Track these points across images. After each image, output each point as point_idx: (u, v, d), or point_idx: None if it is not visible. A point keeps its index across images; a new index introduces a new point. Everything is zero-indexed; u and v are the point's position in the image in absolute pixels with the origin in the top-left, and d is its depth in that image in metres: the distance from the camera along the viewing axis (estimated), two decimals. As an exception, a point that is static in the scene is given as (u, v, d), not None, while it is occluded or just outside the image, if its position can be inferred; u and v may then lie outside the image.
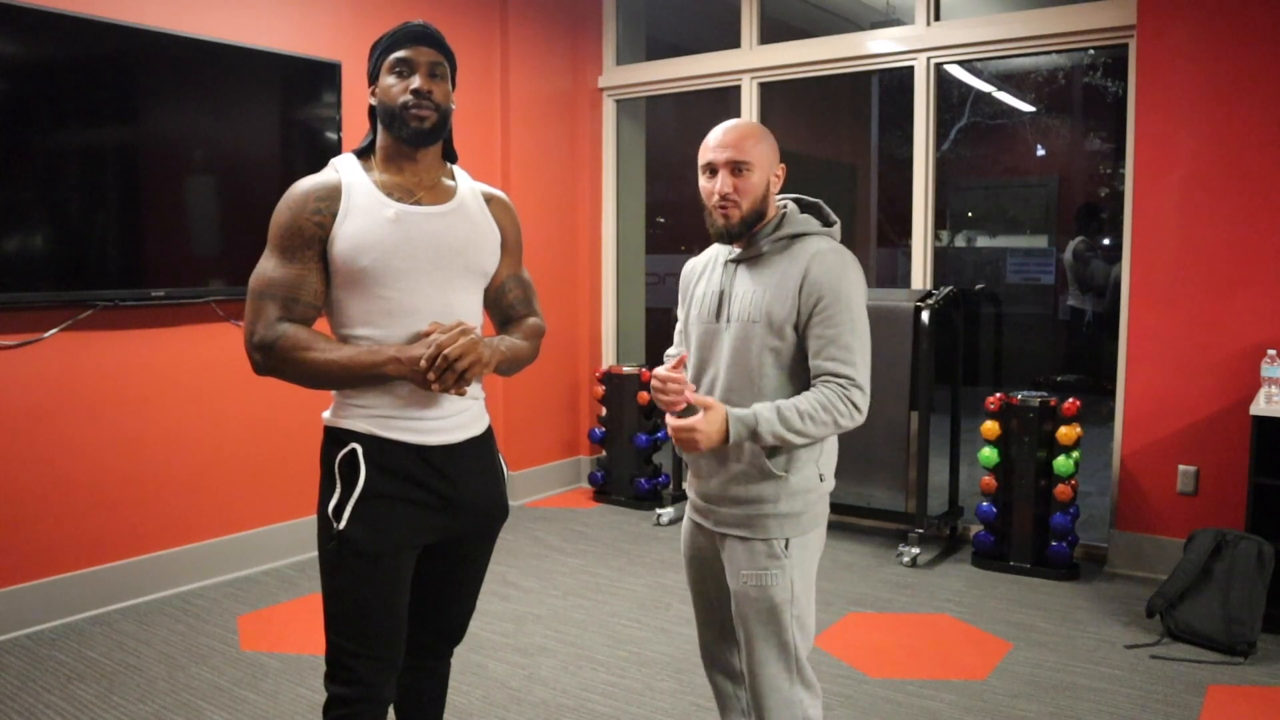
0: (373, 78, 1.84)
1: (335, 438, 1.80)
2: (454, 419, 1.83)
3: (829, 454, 1.99)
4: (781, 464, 1.91)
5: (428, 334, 1.75)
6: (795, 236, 1.94)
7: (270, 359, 1.73)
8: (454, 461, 1.83)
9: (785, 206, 1.99)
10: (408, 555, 1.82)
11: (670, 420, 1.88)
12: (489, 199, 1.96)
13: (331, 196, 1.76)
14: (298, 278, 1.75)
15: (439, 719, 2.11)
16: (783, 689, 1.92)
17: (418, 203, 1.81)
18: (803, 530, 1.93)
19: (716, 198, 1.91)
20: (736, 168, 1.90)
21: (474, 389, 1.88)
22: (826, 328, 1.85)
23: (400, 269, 1.76)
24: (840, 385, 1.84)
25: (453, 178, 1.92)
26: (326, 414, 1.84)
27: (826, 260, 1.88)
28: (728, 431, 1.82)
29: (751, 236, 1.96)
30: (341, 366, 1.72)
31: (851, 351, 1.85)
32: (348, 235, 1.74)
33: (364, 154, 1.87)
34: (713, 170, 1.92)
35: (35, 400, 3.42)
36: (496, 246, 1.93)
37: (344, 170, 1.81)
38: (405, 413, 1.78)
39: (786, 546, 1.92)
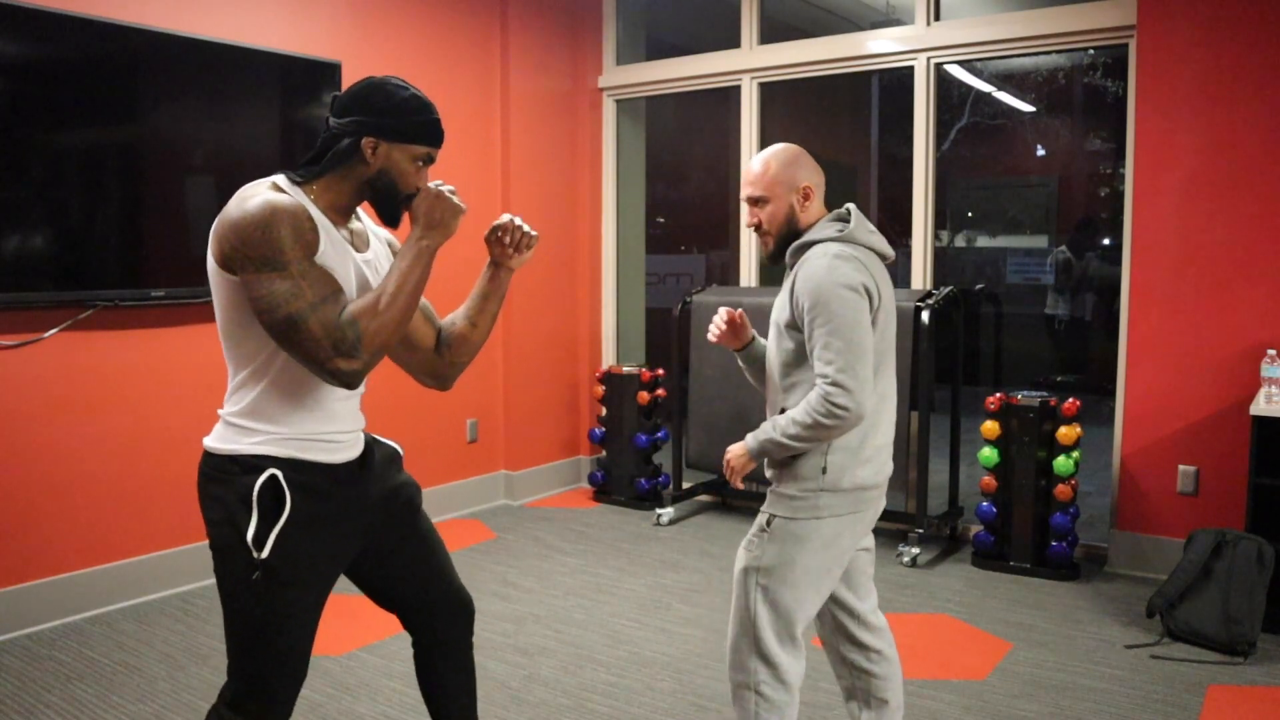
0: (382, 134, 1.74)
1: (248, 465, 1.71)
2: (349, 437, 1.85)
3: (844, 451, 2.03)
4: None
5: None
6: (807, 246, 2.08)
7: (365, 353, 1.66)
8: (357, 472, 1.86)
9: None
10: (330, 577, 1.84)
11: None
12: (389, 242, 1.98)
13: (314, 226, 1.70)
14: (324, 276, 1.67)
15: (473, 713, 2.13)
16: (739, 651, 2.07)
17: (356, 248, 1.82)
18: (792, 513, 2.04)
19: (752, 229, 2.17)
20: (754, 201, 2.13)
21: (361, 415, 1.90)
22: (813, 331, 1.98)
23: None
24: (819, 387, 1.96)
25: (358, 217, 1.91)
26: (219, 441, 1.76)
27: (811, 265, 2.01)
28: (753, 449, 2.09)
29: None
30: (409, 284, 1.72)
31: (829, 350, 1.95)
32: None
33: (298, 179, 1.77)
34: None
35: (35, 400, 3.42)
36: None
37: (299, 198, 1.73)
38: (316, 434, 1.77)
39: (769, 523, 2.07)
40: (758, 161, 2.14)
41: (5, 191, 3.27)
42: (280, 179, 1.76)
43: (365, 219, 1.93)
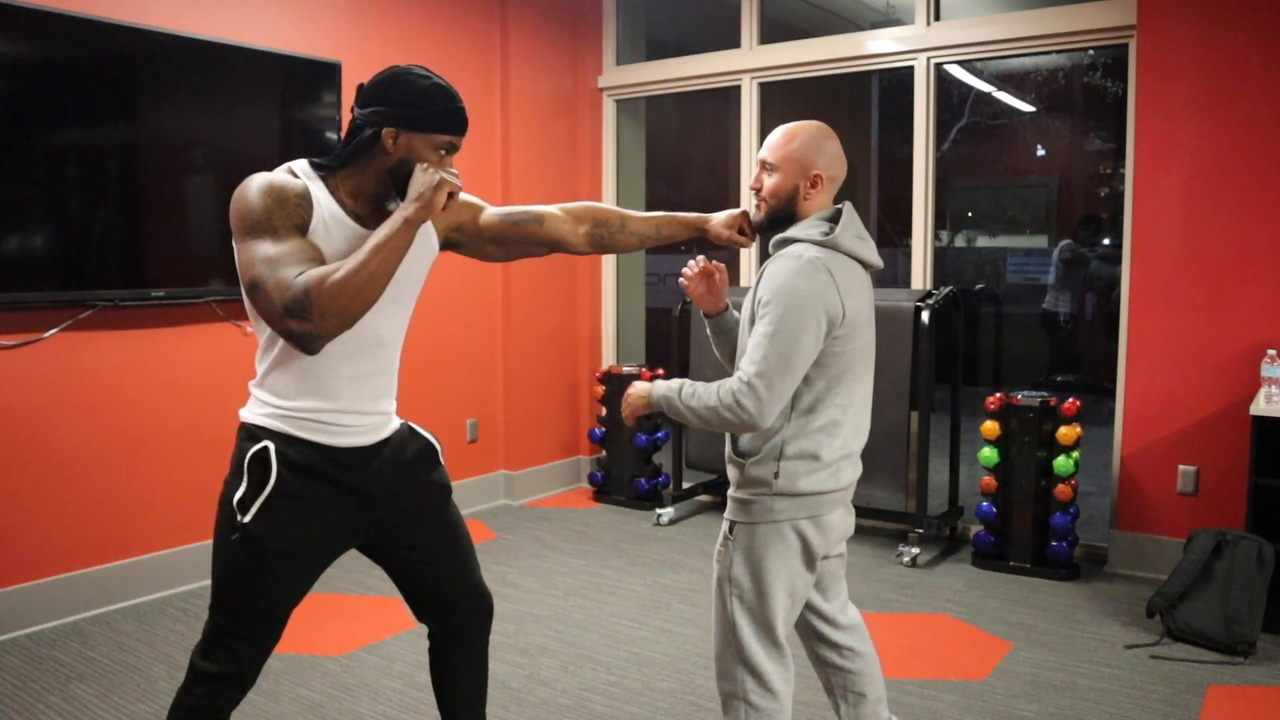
0: (402, 124, 1.75)
1: (249, 433, 1.82)
2: (365, 421, 1.87)
3: (799, 459, 1.97)
4: (744, 450, 2.02)
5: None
6: (786, 241, 2.03)
7: (317, 316, 1.60)
8: (366, 460, 1.88)
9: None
10: (316, 555, 1.87)
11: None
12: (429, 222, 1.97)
13: (304, 204, 1.73)
14: (300, 245, 1.68)
15: (481, 710, 2.14)
16: (724, 661, 2.05)
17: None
18: (750, 519, 2.00)
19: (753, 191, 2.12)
20: (765, 166, 2.07)
21: (386, 403, 1.91)
22: (756, 327, 1.93)
23: None
24: (735, 379, 1.91)
25: (393, 200, 1.90)
26: (244, 408, 1.87)
27: (778, 264, 1.96)
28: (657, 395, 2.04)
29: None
30: (379, 253, 1.65)
31: (759, 350, 1.89)
32: (323, 250, 1.73)
33: (323, 169, 1.80)
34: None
35: (35, 400, 3.42)
36: (432, 258, 1.96)
37: (307, 180, 1.77)
38: (314, 412, 1.81)
39: (731, 530, 2.04)
40: (785, 130, 2.07)
41: (5, 191, 3.27)
42: (298, 164, 1.81)
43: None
